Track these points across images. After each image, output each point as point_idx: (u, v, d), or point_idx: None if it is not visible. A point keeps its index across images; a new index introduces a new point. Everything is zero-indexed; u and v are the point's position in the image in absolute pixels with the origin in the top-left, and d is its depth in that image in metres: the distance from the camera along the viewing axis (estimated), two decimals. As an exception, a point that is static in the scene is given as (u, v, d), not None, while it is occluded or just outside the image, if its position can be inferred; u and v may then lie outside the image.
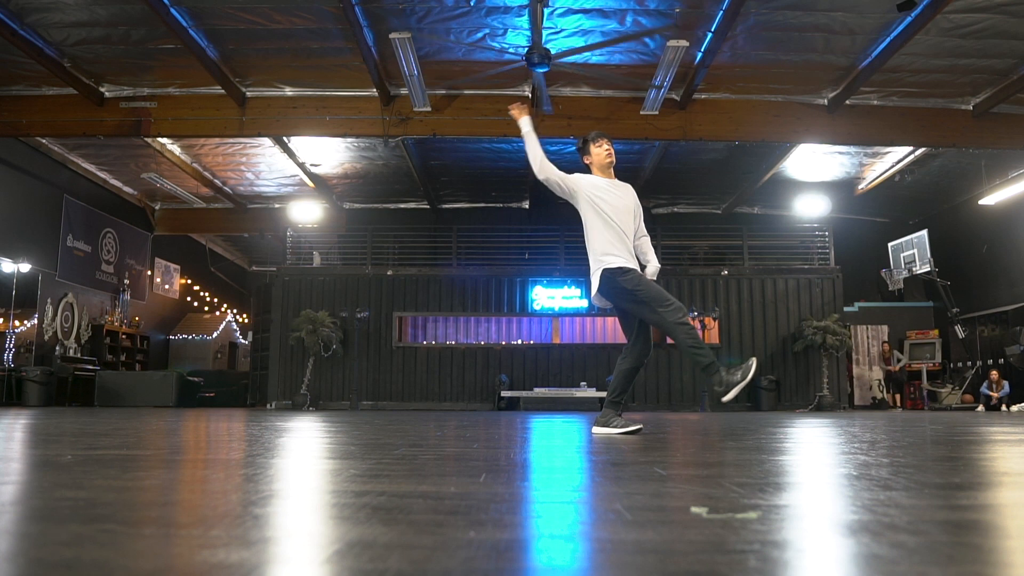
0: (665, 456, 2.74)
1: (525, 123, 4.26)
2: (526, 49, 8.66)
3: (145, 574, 0.88)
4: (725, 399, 3.91)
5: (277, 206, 15.99)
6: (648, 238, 4.46)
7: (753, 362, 3.96)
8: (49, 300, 13.39)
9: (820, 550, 1.06)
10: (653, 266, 4.37)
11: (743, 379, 3.88)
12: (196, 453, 2.82)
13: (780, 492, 1.66)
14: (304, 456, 2.68)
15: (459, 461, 2.41)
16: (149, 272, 16.92)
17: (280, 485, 1.76)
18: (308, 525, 1.21)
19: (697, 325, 13.44)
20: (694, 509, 1.37)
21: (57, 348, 13.45)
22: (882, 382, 15.06)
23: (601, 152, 4.30)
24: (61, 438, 3.57)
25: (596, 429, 4.19)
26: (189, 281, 18.93)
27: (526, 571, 0.87)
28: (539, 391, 13.33)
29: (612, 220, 4.17)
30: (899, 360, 14.85)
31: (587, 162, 4.39)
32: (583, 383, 13.60)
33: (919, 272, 14.07)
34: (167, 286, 18.01)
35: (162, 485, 1.76)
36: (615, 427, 4.08)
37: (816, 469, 2.29)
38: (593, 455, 2.83)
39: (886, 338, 15.36)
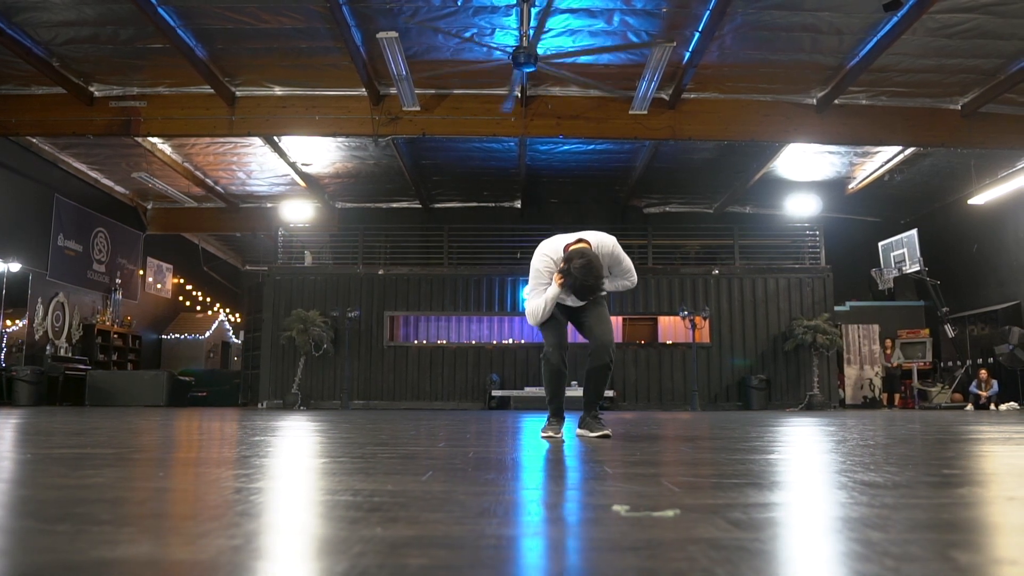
0: (623, 455, 2.75)
1: (554, 289, 4.10)
2: (513, 49, 8.65)
3: (35, 568, 0.89)
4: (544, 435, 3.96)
5: (269, 205, 15.99)
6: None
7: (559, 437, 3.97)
8: (40, 300, 13.38)
9: (713, 547, 1.07)
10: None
11: (551, 435, 3.95)
12: (157, 452, 2.83)
13: (716, 491, 1.68)
14: (264, 455, 2.70)
15: (413, 460, 2.42)
16: (141, 271, 16.90)
17: (220, 484, 1.77)
18: (218, 523, 1.22)
19: (687, 324, 13.46)
20: (615, 507, 1.38)
21: (48, 348, 13.43)
22: (872, 381, 15.08)
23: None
24: (34, 437, 3.58)
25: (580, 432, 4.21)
26: (182, 280, 18.90)
27: (404, 568, 0.89)
28: (530, 390, 13.33)
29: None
30: (899, 357, 14.88)
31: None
32: (574, 382, 13.56)
33: (909, 271, 14.09)
34: (159, 285, 17.99)
35: (105, 483, 1.77)
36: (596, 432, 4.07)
37: (767, 468, 2.31)
38: (551, 454, 2.84)
39: (877, 337, 15.38)
